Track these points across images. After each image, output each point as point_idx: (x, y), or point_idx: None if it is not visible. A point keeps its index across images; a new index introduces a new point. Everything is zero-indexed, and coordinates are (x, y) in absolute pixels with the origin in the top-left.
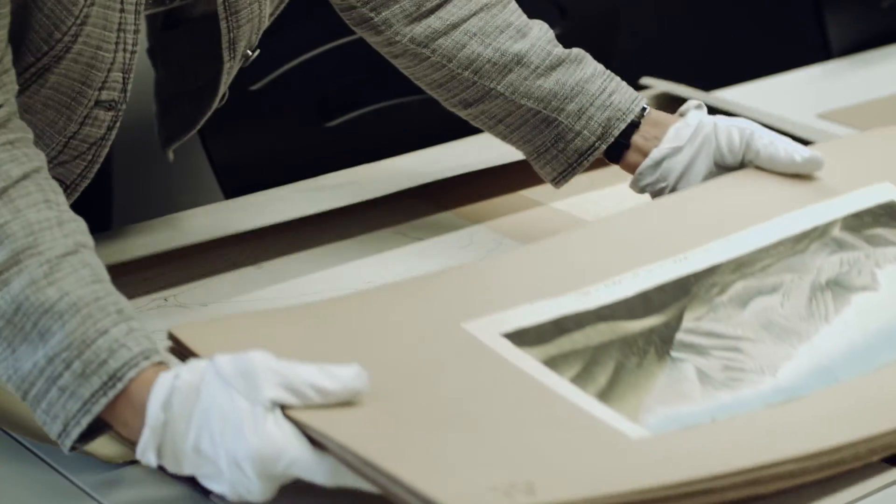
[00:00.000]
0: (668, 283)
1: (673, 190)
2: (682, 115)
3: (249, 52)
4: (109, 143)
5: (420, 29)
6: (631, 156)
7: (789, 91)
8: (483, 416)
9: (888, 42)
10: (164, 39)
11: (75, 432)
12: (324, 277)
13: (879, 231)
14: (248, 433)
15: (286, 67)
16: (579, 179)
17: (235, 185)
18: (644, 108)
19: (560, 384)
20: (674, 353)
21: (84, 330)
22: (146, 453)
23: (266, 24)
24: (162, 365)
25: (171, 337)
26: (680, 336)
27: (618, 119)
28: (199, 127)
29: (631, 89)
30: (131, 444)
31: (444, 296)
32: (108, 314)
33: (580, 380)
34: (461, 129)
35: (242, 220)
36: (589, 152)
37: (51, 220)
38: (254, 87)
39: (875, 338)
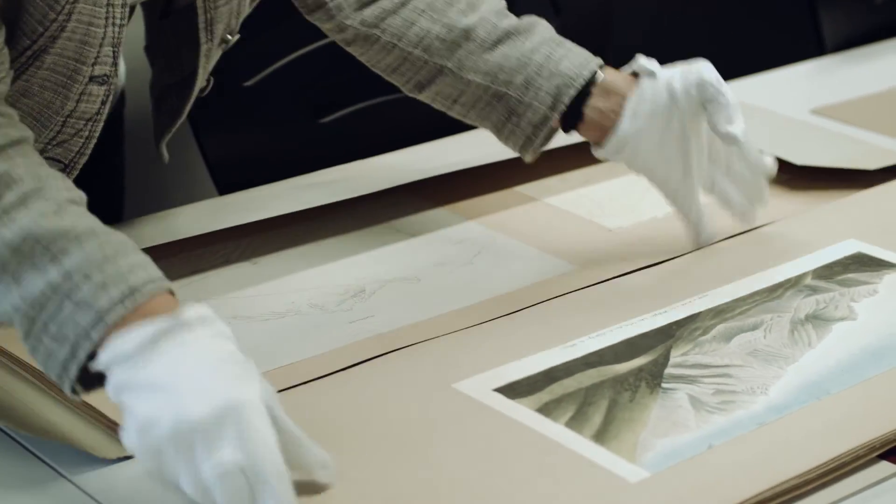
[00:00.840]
0: (652, 330)
1: (640, 162)
2: (635, 74)
3: (230, 37)
4: (104, 117)
5: (370, 10)
6: (586, 130)
7: (783, 86)
8: (479, 473)
9: (882, 38)
10: (155, 33)
11: (83, 350)
12: (318, 273)
13: (850, 275)
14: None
15: (279, 64)
16: (574, 175)
17: (229, 181)
18: (595, 73)
19: (555, 430)
20: (665, 385)
21: (104, 249)
22: (133, 338)
23: (247, 9)
24: (176, 300)
25: None
26: (669, 370)
27: (566, 86)
28: (183, 117)
29: (584, 53)
30: None
31: (434, 360)
32: (125, 242)
33: (575, 422)
34: (454, 126)
35: (236, 217)
36: (543, 123)
37: (55, 174)
38: (247, 84)
39: (860, 357)
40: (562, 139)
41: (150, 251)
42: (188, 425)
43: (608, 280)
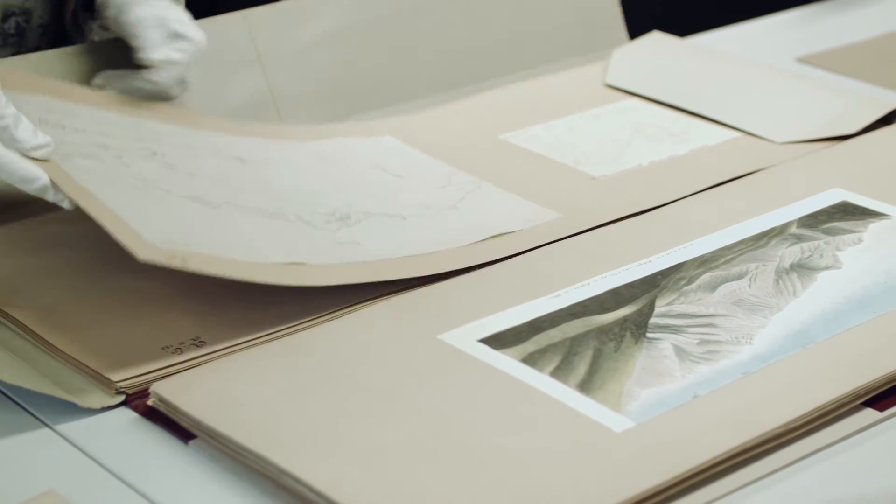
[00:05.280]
0: (636, 280)
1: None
2: None
3: None
4: None
5: None
6: None
7: (767, 35)
8: (464, 423)
9: None
10: None
11: None
12: (305, 189)
13: (836, 224)
14: None
15: None
16: (558, 124)
17: None
18: None
19: (540, 380)
20: (649, 335)
21: None
22: None
23: None
24: None
25: (156, 394)
26: (654, 320)
27: None
28: None
29: None
30: None
31: (418, 312)
32: None
33: (560, 372)
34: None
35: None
36: None
37: None
38: None
39: (845, 305)
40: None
41: None
42: None
43: (592, 229)
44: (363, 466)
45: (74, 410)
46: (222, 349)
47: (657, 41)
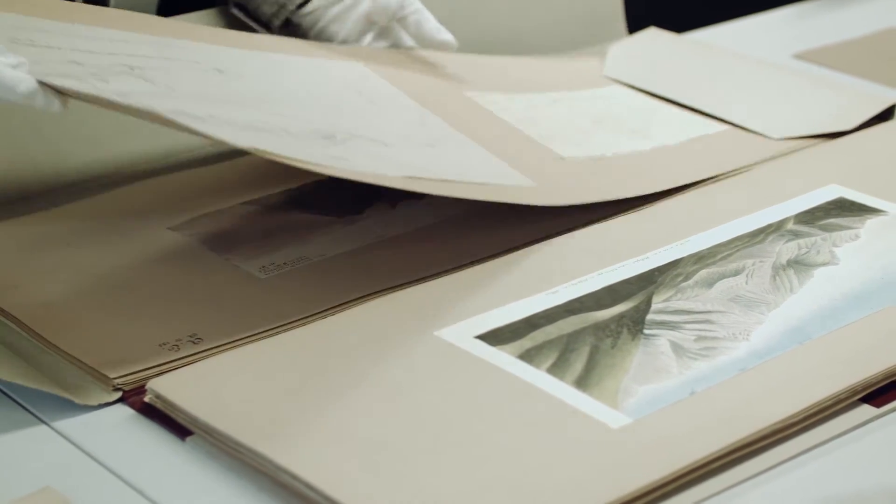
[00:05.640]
0: (633, 276)
1: (319, 31)
2: None
3: None
4: None
5: None
6: None
7: (765, 32)
8: (461, 420)
9: None
10: None
11: None
12: (289, 104)
13: (832, 220)
14: None
15: None
16: (521, 98)
17: None
18: None
19: (537, 376)
20: (646, 331)
21: None
22: None
23: None
24: None
25: (152, 391)
26: (651, 316)
27: None
28: None
29: None
30: None
31: (414, 308)
32: None
33: (557, 369)
34: None
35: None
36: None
37: None
38: None
39: (842, 301)
40: None
41: None
42: None
43: (587, 226)
44: (361, 463)
45: (71, 407)
46: (219, 346)
47: (654, 37)
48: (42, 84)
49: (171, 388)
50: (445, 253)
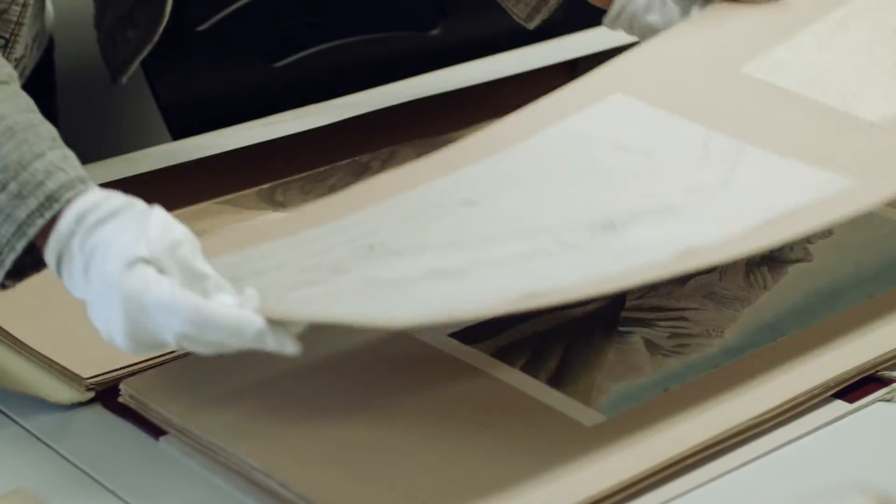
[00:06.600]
0: None
1: (641, 28)
2: None
3: None
4: None
5: None
6: None
7: None
8: (434, 418)
9: None
10: None
11: (9, 259)
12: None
13: None
14: (118, 268)
15: (233, 8)
16: None
17: (182, 125)
18: None
19: (511, 374)
20: (620, 328)
21: (21, 153)
22: (49, 261)
23: None
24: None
25: (126, 391)
26: (624, 313)
27: None
28: (159, 32)
29: None
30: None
31: None
32: (44, 139)
33: (530, 367)
34: (407, 69)
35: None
36: None
37: None
38: (200, 28)
39: (815, 298)
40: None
41: None
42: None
43: None
44: (334, 462)
45: (44, 407)
46: None
47: None
48: (271, 323)
49: (144, 388)
50: None
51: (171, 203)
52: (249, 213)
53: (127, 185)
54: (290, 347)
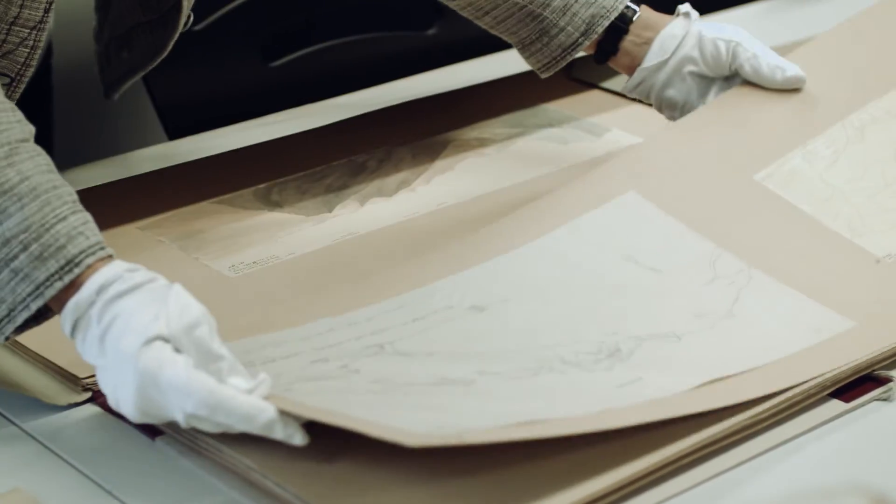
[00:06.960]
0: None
1: (658, 99)
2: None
3: None
4: (47, 27)
5: None
6: (621, 59)
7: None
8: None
9: None
10: None
11: (21, 317)
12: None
13: None
14: (136, 343)
15: (229, 8)
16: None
17: (178, 125)
18: (633, 9)
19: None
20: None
21: (43, 215)
22: (64, 323)
23: None
24: (112, 258)
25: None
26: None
27: (601, 17)
28: (165, 53)
29: None
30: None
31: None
32: (66, 203)
33: None
34: (404, 69)
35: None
36: (572, 48)
37: (5, 104)
38: (196, 28)
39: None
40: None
41: None
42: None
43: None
44: (330, 462)
45: (41, 407)
46: None
47: None
48: (282, 413)
49: None
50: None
51: (168, 203)
52: (246, 213)
53: (124, 186)
54: (298, 439)
